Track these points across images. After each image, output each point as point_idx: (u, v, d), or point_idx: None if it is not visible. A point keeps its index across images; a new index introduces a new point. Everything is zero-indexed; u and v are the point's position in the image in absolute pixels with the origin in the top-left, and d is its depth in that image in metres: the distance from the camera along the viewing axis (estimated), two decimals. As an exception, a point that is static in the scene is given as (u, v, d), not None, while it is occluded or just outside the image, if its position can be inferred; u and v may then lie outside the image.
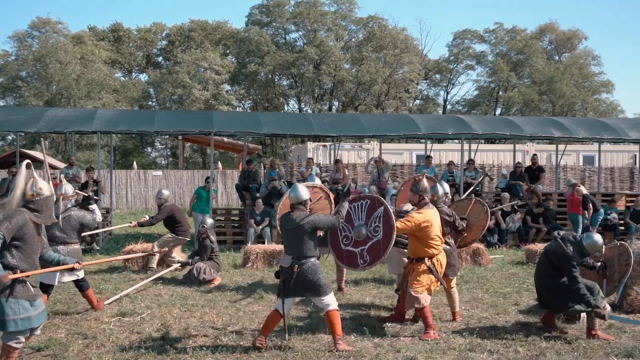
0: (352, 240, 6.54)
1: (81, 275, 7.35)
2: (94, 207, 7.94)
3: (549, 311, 6.75)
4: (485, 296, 8.58)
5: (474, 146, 18.20)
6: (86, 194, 8.29)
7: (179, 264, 9.76)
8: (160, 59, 50.33)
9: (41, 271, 5.41)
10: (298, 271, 5.78)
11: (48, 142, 36.92)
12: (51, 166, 20.28)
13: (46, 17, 42.53)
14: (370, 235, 6.41)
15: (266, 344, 5.91)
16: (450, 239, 7.26)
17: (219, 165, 28.49)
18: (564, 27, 49.27)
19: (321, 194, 7.92)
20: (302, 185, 6.43)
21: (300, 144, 30.34)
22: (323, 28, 44.68)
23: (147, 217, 10.32)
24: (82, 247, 9.51)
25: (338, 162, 15.06)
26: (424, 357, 5.72)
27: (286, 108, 47.37)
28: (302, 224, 5.81)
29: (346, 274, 9.00)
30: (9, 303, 4.97)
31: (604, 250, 7.49)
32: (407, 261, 6.83)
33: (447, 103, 51.12)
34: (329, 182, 14.15)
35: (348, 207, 6.34)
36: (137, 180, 24.00)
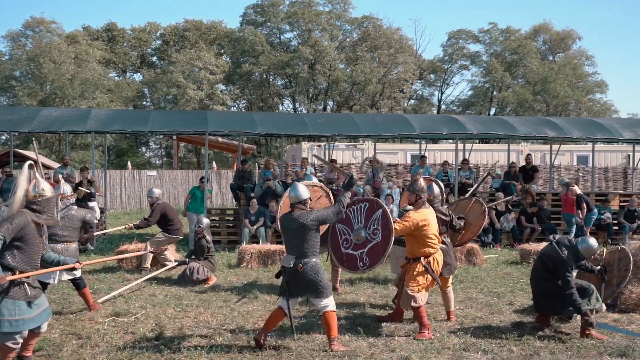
0: (352, 243, 6.55)
1: (78, 274, 7.36)
2: (94, 204, 7.96)
3: (544, 313, 6.79)
4: (479, 296, 8.60)
5: (469, 146, 18.25)
6: (88, 190, 8.31)
7: (176, 263, 9.74)
8: (154, 59, 50.20)
9: (40, 272, 5.38)
10: (301, 271, 5.77)
11: (42, 142, 36.81)
12: (45, 166, 20.19)
13: (40, 17, 42.59)
14: (369, 237, 6.42)
15: (265, 342, 5.90)
16: (446, 238, 7.30)
17: (214, 165, 28.43)
18: (558, 28, 49.58)
19: (321, 193, 7.94)
20: (302, 184, 6.41)
21: (294, 144, 30.32)
22: (318, 28, 44.68)
23: (142, 220, 10.26)
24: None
25: (333, 161, 15.08)
26: (419, 357, 5.73)
27: (281, 108, 47.37)
28: (306, 223, 5.77)
29: (341, 274, 9.01)
30: (5, 303, 4.94)
31: (605, 254, 7.52)
32: (404, 260, 6.84)
33: (442, 103, 51.30)
34: (324, 182, 14.15)
35: (349, 199, 6.10)
36: (132, 180, 23.94)
